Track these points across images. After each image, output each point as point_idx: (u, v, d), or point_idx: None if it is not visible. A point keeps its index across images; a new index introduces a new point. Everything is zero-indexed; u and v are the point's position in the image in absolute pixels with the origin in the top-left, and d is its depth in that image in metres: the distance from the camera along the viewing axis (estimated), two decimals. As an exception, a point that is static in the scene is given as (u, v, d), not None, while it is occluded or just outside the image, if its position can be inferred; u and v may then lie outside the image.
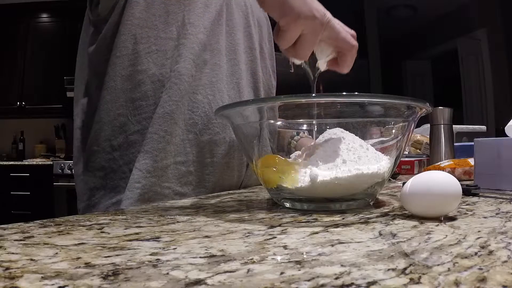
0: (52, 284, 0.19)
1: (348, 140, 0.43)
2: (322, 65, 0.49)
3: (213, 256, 0.24)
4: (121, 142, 0.63)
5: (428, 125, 1.03)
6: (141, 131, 0.63)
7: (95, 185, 0.64)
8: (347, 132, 0.45)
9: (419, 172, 1.01)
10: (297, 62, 0.48)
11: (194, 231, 0.32)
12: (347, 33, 0.48)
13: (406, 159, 1.02)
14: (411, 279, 0.19)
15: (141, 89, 0.63)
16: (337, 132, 0.45)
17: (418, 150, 1.23)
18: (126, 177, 0.62)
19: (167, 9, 0.64)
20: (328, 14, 0.46)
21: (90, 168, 0.65)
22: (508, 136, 0.62)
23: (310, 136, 0.51)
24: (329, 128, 0.46)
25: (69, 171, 2.81)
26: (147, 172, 0.59)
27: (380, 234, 0.30)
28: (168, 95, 0.62)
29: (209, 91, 0.66)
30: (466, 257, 0.23)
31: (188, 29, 0.65)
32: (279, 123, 0.49)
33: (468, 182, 0.65)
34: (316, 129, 0.48)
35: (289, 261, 0.23)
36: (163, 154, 0.61)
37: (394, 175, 0.84)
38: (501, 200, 0.47)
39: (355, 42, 0.48)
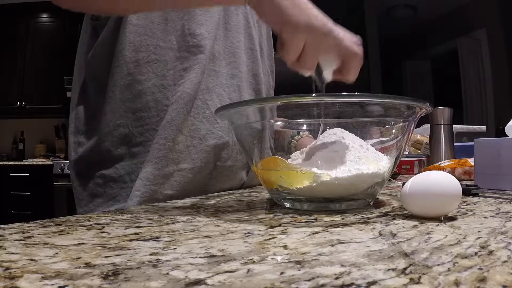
0: (52, 284, 0.19)
1: (348, 140, 0.43)
2: (328, 75, 0.48)
3: (213, 256, 0.24)
4: (122, 152, 0.62)
5: (428, 125, 1.03)
6: (143, 143, 0.62)
7: (93, 192, 0.64)
8: (347, 132, 0.45)
9: (419, 172, 1.01)
10: (305, 74, 0.47)
11: (194, 231, 0.32)
12: (350, 40, 0.47)
13: (406, 159, 1.02)
14: (411, 279, 0.19)
15: (142, 99, 0.62)
16: (337, 132, 0.45)
17: (418, 150, 1.23)
18: (126, 187, 0.61)
19: (165, 17, 0.63)
20: (329, 23, 0.45)
21: (88, 175, 0.64)
22: (508, 136, 0.62)
23: (311, 136, 0.51)
24: (329, 128, 0.45)
25: (69, 171, 2.80)
26: (147, 180, 0.59)
27: (380, 234, 0.30)
28: (171, 108, 0.61)
29: (207, 96, 0.65)
30: (466, 257, 0.23)
31: (189, 41, 0.64)
32: (279, 123, 0.49)
33: (468, 182, 0.65)
34: (316, 129, 0.48)
35: (289, 261, 0.23)
36: (164, 162, 0.60)
37: (394, 175, 0.84)
38: (501, 200, 0.47)
39: (358, 50, 0.47)
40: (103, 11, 0.59)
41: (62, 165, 2.87)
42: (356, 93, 0.38)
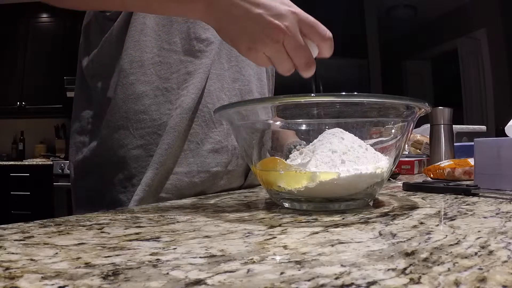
0: (52, 284, 0.19)
1: (347, 140, 0.43)
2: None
3: (213, 256, 0.24)
4: (121, 155, 0.61)
5: (428, 125, 1.04)
6: (144, 146, 0.61)
7: (93, 194, 0.63)
8: (347, 132, 0.45)
9: (419, 172, 1.01)
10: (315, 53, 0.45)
11: (194, 231, 0.32)
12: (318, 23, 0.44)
13: (406, 159, 1.02)
14: (411, 279, 0.19)
15: (144, 101, 0.61)
16: (337, 132, 0.44)
17: (418, 150, 1.23)
18: (126, 191, 0.61)
19: (170, 18, 0.63)
20: (287, 7, 0.42)
21: (89, 177, 0.64)
22: (508, 136, 0.62)
23: (304, 143, 0.50)
24: (328, 128, 0.45)
25: (69, 171, 2.80)
26: (146, 185, 0.58)
27: (380, 234, 0.30)
28: (176, 113, 0.61)
29: (208, 99, 0.65)
30: (466, 257, 0.23)
31: (195, 45, 0.63)
32: (278, 123, 0.49)
33: (468, 182, 0.65)
34: (315, 129, 0.48)
35: (289, 261, 0.23)
36: (164, 167, 0.60)
37: (394, 175, 0.84)
38: (501, 200, 0.47)
39: (329, 34, 0.44)
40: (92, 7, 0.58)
41: (62, 165, 2.87)
42: (355, 93, 0.38)
